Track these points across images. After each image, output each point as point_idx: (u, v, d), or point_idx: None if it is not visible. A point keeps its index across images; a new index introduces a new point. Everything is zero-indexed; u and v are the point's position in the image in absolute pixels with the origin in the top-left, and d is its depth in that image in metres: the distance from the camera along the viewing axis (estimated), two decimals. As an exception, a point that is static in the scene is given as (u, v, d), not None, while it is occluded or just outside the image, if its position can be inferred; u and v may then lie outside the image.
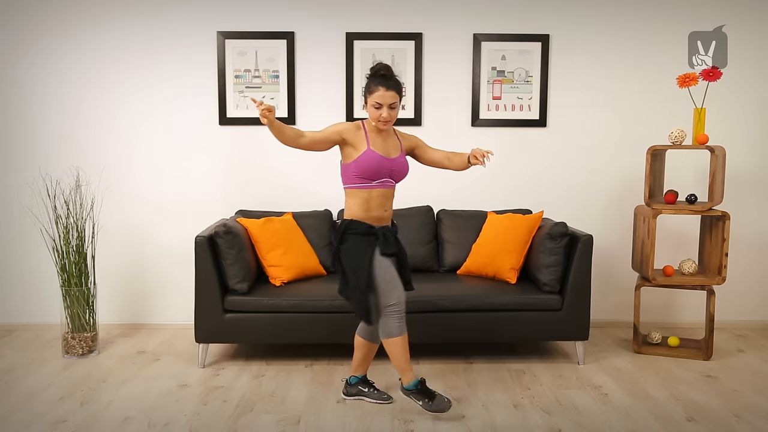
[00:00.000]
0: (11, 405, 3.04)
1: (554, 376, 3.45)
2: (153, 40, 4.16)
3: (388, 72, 2.90)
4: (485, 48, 4.20)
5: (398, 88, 2.89)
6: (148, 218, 4.27)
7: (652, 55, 4.23)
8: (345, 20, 4.18)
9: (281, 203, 4.26)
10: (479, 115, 4.25)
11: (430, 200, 4.23)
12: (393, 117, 2.89)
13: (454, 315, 3.50)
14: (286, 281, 3.69)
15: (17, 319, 4.30)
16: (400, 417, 2.93)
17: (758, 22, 4.21)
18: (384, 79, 2.86)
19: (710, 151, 3.61)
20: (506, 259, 3.70)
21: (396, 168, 2.95)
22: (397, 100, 2.87)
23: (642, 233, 3.81)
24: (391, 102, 2.85)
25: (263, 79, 4.20)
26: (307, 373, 3.48)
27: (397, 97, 2.87)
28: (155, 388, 3.26)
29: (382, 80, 2.86)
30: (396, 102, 2.87)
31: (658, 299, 4.37)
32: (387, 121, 2.88)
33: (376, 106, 2.86)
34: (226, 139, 4.24)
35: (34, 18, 4.12)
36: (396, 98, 2.87)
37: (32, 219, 4.20)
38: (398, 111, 2.92)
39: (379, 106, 2.85)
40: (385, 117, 2.86)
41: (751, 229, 4.34)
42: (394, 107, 2.88)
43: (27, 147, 4.21)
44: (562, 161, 4.31)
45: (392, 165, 2.94)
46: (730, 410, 3.02)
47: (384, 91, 2.84)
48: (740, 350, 3.91)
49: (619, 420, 2.91)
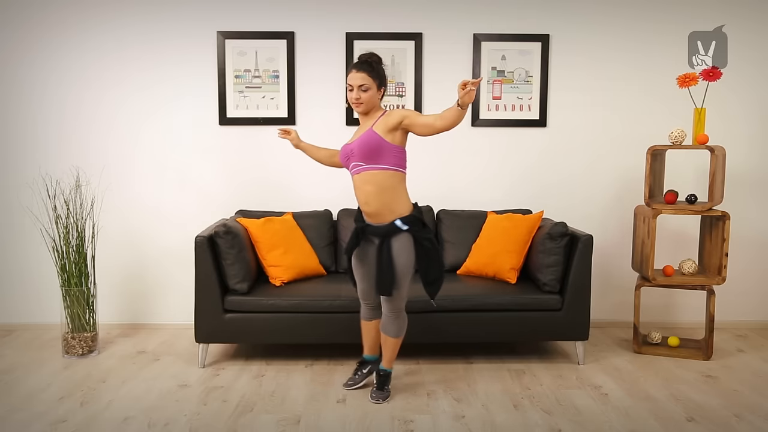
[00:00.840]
0: (11, 405, 3.04)
1: (554, 376, 3.45)
2: (153, 40, 4.16)
3: (369, 58, 2.97)
4: (485, 48, 4.20)
5: (370, 71, 2.93)
6: (148, 218, 4.27)
7: (652, 55, 4.23)
8: (345, 20, 4.18)
9: (281, 203, 4.26)
10: (479, 115, 4.25)
11: (430, 200, 4.23)
12: (365, 99, 2.93)
13: (454, 315, 3.50)
14: (286, 281, 3.69)
15: (17, 319, 4.30)
16: (400, 417, 2.93)
17: (758, 22, 4.21)
18: (356, 63, 2.96)
19: (710, 151, 3.61)
20: (506, 259, 3.70)
21: (355, 147, 2.93)
22: (367, 82, 2.91)
23: (642, 233, 3.81)
24: (360, 83, 2.91)
25: (263, 79, 4.20)
26: (307, 373, 3.48)
27: (367, 78, 2.91)
28: (155, 388, 3.26)
29: (354, 64, 2.97)
30: (366, 84, 2.91)
31: (658, 299, 4.37)
32: (358, 102, 2.94)
33: (349, 89, 2.95)
34: (226, 139, 4.24)
35: (34, 18, 4.12)
36: (366, 80, 2.91)
37: (32, 219, 4.20)
38: (373, 94, 2.94)
39: (351, 88, 2.94)
40: (354, 96, 2.92)
41: (751, 229, 4.35)
42: (366, 89, 2.92)
43: (27, 147, 4.21)
44: (562, 161, 4.31)
45: (351, 146, 2.97)
46: (730, 410, 3.02)
47: (354, 73, 2.92)
48: (740, 350, 3.91)
49: (619, 420, 2.91)
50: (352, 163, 2.95)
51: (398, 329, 3.06)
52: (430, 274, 2.99)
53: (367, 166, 2.90)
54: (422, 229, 2.95)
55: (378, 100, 2.98)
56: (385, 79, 3.01)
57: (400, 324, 3.06)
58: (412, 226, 2.92)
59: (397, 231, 2.92)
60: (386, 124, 2.89)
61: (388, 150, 2.88)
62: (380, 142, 2.87)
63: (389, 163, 2.89)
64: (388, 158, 2.89)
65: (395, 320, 3.04)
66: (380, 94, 2.99)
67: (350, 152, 2.96)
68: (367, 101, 2.93)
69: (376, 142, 2.87)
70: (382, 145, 2.87)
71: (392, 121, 2.88)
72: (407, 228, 2.92)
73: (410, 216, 2.94)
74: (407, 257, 2.93)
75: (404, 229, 2.91)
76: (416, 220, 2.95)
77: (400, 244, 2.92)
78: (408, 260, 2.94)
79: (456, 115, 2.76)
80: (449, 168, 4.29)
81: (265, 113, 4.20)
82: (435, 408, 3.03)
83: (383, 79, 3.00)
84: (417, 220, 2.95)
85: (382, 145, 2.87)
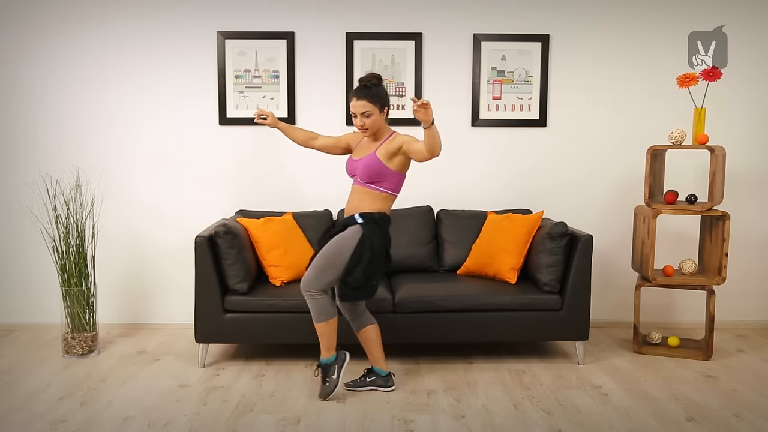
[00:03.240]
0: (11, 405, 3.04)
1: (554, 376, 3.45)
2: (153, 40, 4.16)
3: (368, 81, 3.05)
4: (485, 48, 4.20)
5: (370, 97, 3.01)
6: (148, 218, 4.27)
7: (652, 55, 4.23)
8: (345, 20, 4.18)
9: (281, 203, 4.26)
10: (479, 115, 4.25)
11: (430, 200, 4.23)
12: (369, 125, 3.05)
13: (454, 315, 3.50)
14: (286, 281, 3.69)
15: (17, 319, 4.30)
16: (400, 417, 2.93)
17: (758, 22, 4.21)
18: (356, 90, 3.06)
19: (710, 151, 3.61)
20: (506, 259, 3.70)
21: (359, 167, 3.11)
22: (369, 109, 3.02)
23: (642, 233, 3.81)
24: (362, 111, 3.03)
25: (263, 79, 4.20)
26: (307, 373, 3.48)
27: (368, 105, 3.01)
28: (155, 388, 3.26)
29: (354, 91, 3.07)
30: (368, 110, 3.02)
31: (658, 299, 4.37)
32: (363, 128, 3.07)
33: (353, 115, 3.08)
34: (226, 139, 4.24)
35: (34, 18, 4.12)
36: (367, 107, 3.01)
37: (32, 219, 4.20)
38: (376, 118, 3.04)
39: (354, 115, 3.06)
40: (359, 124, 3.05)
41: (751, 229, 4.34)
42: (368, 115, 3.03)
43: (27, 147, 4.21)
44: (562, 161, 4.31)
45: (355, 164, 3.14)
46: (730, 410, 3.02)
47: (355, 101, 3.03)
48: (740, 350, 3.91)
49: (619, 420, 2.91)
50: (356, 177, 3.16)
51: (313, 313, 3.04)
52: (352, 274, 3.00)
53: (366, 184, 3.10)
54: (374, 230, 3.04)
55: (383, 121, 3.10)
56: (386, 99, 3.10)
57: (315, 307, 3.03)
58: (366, 223, 3.04)
59: (352, 222, 3.09)
60: (388, 150, 3.04)
61: (388, 176, 3.07)
62: (381, 168, 3.05)
63: (386, 187, 3.09)
64: (386, 183, 3.09)
65: (308, 301, 3.04)
66: (384, 115, 3.09)
67: (354, 169, 3.16)
68: (372, 126, 3.06)
69: (377, 168, 3.05)
70: (383, 171, 3.05)
71: (393, 147, 3.04)
72: (361, 222, 3.05)
73: (369, 214, 3.06)
74: (342, 244, 3.02)
75: (359, 222, 3.06)
76: (372, 220, 3.06)
77: (346, 232, 3.06)
78: (340, 247, 3.02)
79: (428, 136, 2.83)
80: (449, 168, 4.28)
81: (265, 113, 4.21)
82: (435, 408, 3.03)
83: (385, 100, 3.08)
84: (375, 221, 3.06)
85: (383, 171, 3.05)
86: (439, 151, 2.86)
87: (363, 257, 3.00)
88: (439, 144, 2.84)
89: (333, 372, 3.12)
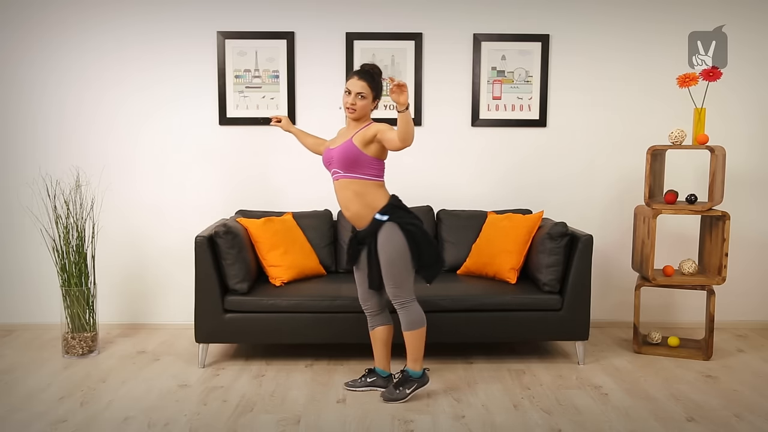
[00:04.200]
0: (11, 405, 3.04)
1: (554, 376, 3.45)
2: (153, 40, 4.16)
3: (372, 69, 3.03)
4: (485, 48, 4.20)
5: (370, 81, 2.99)
6: (148, 218, 4.27)
7: (652, 55, 4.23)
8: (345, 20, 4.18)
9: (281, 203, 4.26)
10: (479, 115, 4.25)
11: (430, 200, 4.23)
12: (359, 107, 2.98)
13: (454, 315, 3.50)
14: (286, 281, 3.69)
15: (17, 319, 4.30)
16: (400, 417, 2.93)
17: (758, 22, 4.21)
18: (359, 71, 3.01)
19: (710, 151, 3.61)
20: (506, 259, 3.70)
21: (335, 155, 3.01)
22: (365, 92, 2.97)
23: (642, 233, 3.81)
24: (358, 91, 2.96)
25: (263, 79, 4.20)
26: (307, 373, 3.48)
27: (366, 88, 2.97)
28: (155, 388, 3.26)
29: (356, 71, 3.02)
30: (364, 93, 2.97)
31: (658, 299, 4.37)
32: (352, 108, 2.98)
33: (346, 92, 2.99)
34: (226, 139, 4.24)
35: (34, 18, 4.12)
36: (365, 89, 2.97)
37: (32, 219, 4.20)
38: (367, 104, 2.99)
39: (348, 92, 2.98)
40: (350, 101, 2.97)
41: (751, 229, 4.34)
42: (363, 97, 2.97)
43: (27, 147, 4.21)
44: (562, 161, 4.31)
45: (331, 153, 3.05)
46: (730, 410, 3.02)
47: (355, 80, 2.97)
48: (740, 350, 3.91)
49: (619, 420, 2.91)
50: (333, 170, 3.05)
51: (409, 322, 3.03)
52: (423, 258, 3.00)
53: (345, 174, 2.99)
54: (404, 215, 3.00)
55: (370, 111, 3.05)
56: (381, 92, 3.08)
57: (411, 317, 3.03)
58: (391, 214, 2.98)
59: (379, 225, 2.98)
60: (364, 136, 2.97)
61: (365, 161, 2.97)
62: (358, 154, 2.95)
63: (366, 173, 2.99)
64: (365, 169, 2.98)
65: (402, 312, 3.03)
66: (374, 105, 3.06)
67: (330, 159, 3.06)
68: (360, 109, 3.00)
69: (354, 153, 2.95)
70: (360, 157, 2.96)
71: (369, 134, 2.95)
72: (387, 218, 2.96)
73: (387, 205, 3.00)
74: (394, 246, 2.95)
75: (384, 219, 2.97)
76: (394, 208, 3.00)
77: (384, 235, 2.96)
78: (395, 248, 2.95)
79: (401, 121, 2.74)
80: (449, 168, 4.29)
81: (265, 113, 4.20)
82: (435, 408, 3.03)
83: (380, 92, 3.07)
84: (394, 208, 3.00)
85: (359, 156, 2.96)
86: (412, 140, 2.76)
87: (416, 238, 2.97)
88: (412, 132, 2.74)
89: (410, 386, 3.08)
